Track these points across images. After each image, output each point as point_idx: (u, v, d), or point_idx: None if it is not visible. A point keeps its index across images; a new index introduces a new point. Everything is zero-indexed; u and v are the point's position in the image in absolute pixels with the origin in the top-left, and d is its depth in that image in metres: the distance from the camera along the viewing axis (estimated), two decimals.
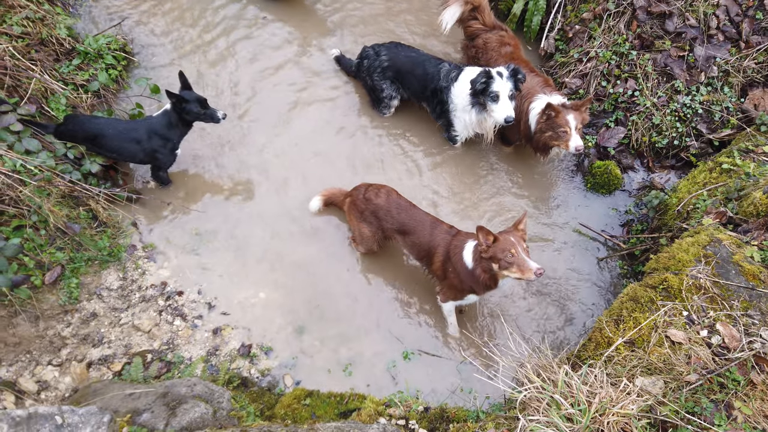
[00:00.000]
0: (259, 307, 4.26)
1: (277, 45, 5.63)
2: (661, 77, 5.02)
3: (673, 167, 5.09)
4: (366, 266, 4.53)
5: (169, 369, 3.83)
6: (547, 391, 2.70)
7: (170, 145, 4.32)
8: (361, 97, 5.45)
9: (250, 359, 4.02)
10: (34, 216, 3.79)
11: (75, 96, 4.60)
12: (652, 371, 2.87)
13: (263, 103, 5.25)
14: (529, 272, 3.27)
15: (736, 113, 4.82)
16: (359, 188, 4.32)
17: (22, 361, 3.65)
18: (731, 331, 2.91)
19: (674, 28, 4.97)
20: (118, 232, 4.34)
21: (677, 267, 3.36)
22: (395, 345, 4.18)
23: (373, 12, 6.03)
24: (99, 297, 4.05)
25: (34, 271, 3.76)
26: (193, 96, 4.15)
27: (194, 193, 4.71)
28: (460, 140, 5.14)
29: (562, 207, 5.01)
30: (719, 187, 4.12)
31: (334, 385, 3.94)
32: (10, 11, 4.56)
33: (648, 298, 3.24)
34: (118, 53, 5.00)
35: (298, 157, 5.00)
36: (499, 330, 4.26)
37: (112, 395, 3.27)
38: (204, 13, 5.69)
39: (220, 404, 3.33)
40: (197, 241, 4.47)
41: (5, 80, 4.18)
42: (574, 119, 4.37)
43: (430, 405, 3.43)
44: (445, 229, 3.96)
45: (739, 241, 3.47)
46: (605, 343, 3.17)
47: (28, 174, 3.74)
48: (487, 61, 5.10)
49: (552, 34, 5.68)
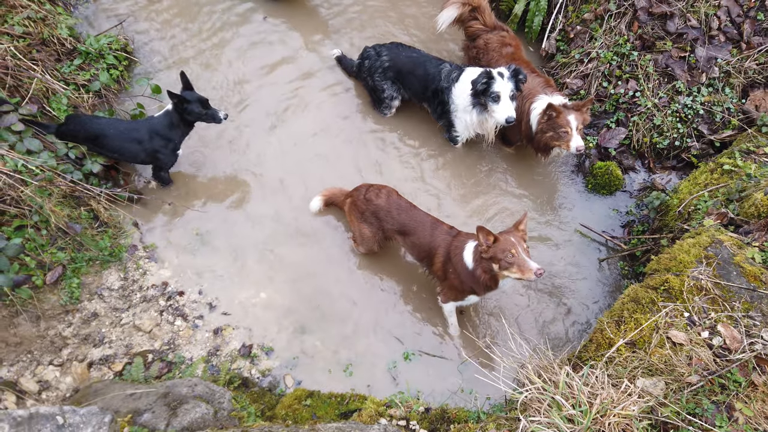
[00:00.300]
0: (260, 308, 4.26)
1: (277, 45, 5.63)
2: (662, 78, 5.02)
3: (674, 168, 5.09)
4: (366, 266, 4.52)
5: (170, 369, 3.83)
6: (548, 392, 2.70)
7: (172, 146, 4.33)
8: (361, 98, 5.45)
9: (250, 359, 4.02)
10: (36, 216, 3.79)
11: (76, 96, 4.61)
12: (653, 372, 2.87)
13: (262, 103, 5.25)
14: (530, 272, 3.27)
15: (737, 114, 4.82)
16: (360, 189, 4.32)
17: (23, 361, 3.65)
18: (732, 332, 2.91)
19: (675, 28, 4.97)
20: (119, 232, 4.35)
21: (678, 268, 3.36)
22: (396, 345, 4.18)
23: (375, 13, 6.03)
24: (100, 297, 4.05)
25: (35, 271, 3.77)
26: (195, 96, 4.16)
27: (195, 194, 4.71)
28: (461, 141, 5.14)
29: (563, 208, 5.01)
30: (720, 188, 4.12)
31: (335, 385, 3.94)
32: (11, 11, 4.56)
33: (649, 299, 3.24)
34: (119, 53, 5.01)
35: (299, 157, 5.00)
36: (499, 330, 4.26)
37: (113, 395, 3.27)
38: (204, 14, 5.69)
39: (221, 405, 3.33)
40: (198, 241, 4.47)
41: (7, 80, 4.18)
42: (575, 120, 4.37)
43: (431, 406, 3.43)
44: (445, 229, 3.96)
45: (740, 242, 3.46)
46: (606, 344, 3.16)
47: (30, 174, 3.74)
48: (488, 61, 5.11)
49: (553, 35, 5.68)
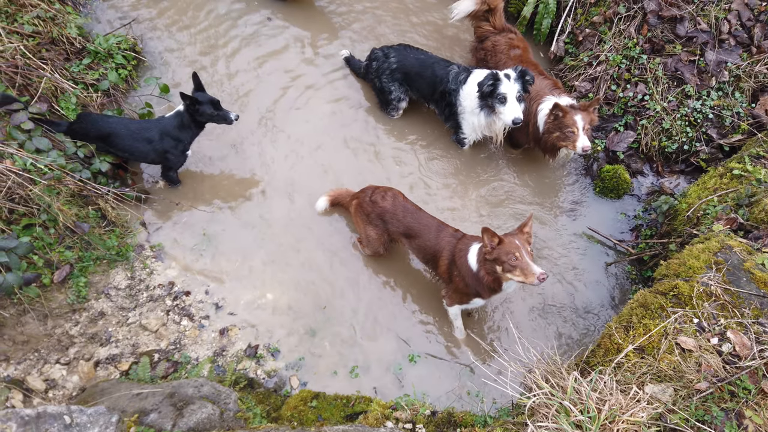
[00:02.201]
0: (266, 308, 4.25)
1: (284, 45, 5.66)
2: (671, 81, 4.99)
3: (682, 172, 5.06)
4: (372, 268, 4.52)
5: (176, 369, 3.83)
6: (556, 398, 2.68)
7: (181, 147, 4.34)
8: (369, 99, 5.44)
9: (256, 360, 4.01)
10: (44, 215, 3.80)
11: (85, 95, 4.62)
12: (662, 379, 2.85)
13: (268, 104, 5.25)
14: (532, 276, 3.25)
15: (747, 118, 4.78)
16: (366, 190, 4.31)
17: (30, 359, 3.66)
18: (742, 339, 2.88)
19: (685, 32, 4.94)
20: (126, 231, 4.35)
21: (688, 274, 3.34)
22: (402, 347, 4.17)
23: (383, 13, 6.03)
24: (107, 296, 4.05)
25: (43, 270, 3.78)
26: (207, 97, 4.18)
27: (203, 194, 4.71)
28: (469, 143, 5.12)
29: (570, 211, 4.99)
30: (730, 192, 4.09)
31: (341, 387, 3.94)
32: (21, 10, 4.58)
33: (658, 305, 3.21)
34: (128, 53, 5.02)
35: (305, 159, 5.00)
36: (506, 334, 4.25)
37: (120, 395, 3.27)
38: (209, 14, 5.71)
39: (227, 405, 3.33)
40: (205, 241, 4.47)
41: (16, 79, 4.19)
42: (582, 120, 4.37)
43: (437, 409, 3.42)
44: (450, 232, 3.95)
45: (750, 248, 3.44)
46: (614, 349, 3.14)
47: (38, 173, 3.75)
48: (495, 63, 5.10)
49: (562, 38, 5.66)
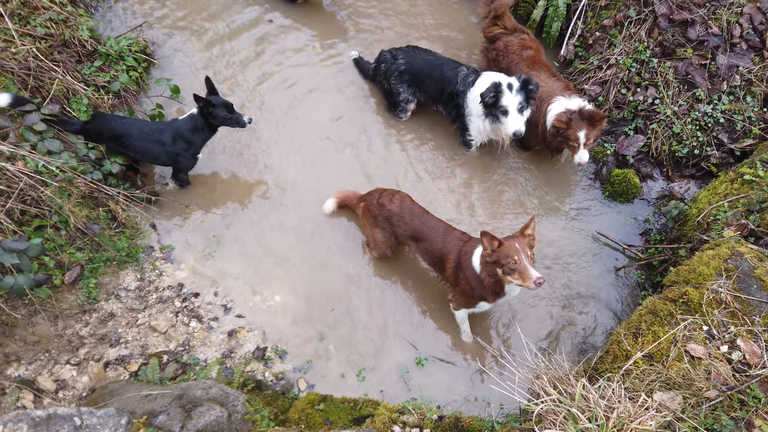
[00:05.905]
0: (275, 311, 4.27)
1: (298, 48, 5.68)
2: (682, 86, 4.96)
3: (693, 177, 5.02)
4: (380, 271, 4.52)
5: (184, 370, 3.86)
6: (564, 404, 2.68)
7: (193, 149, 4.37)
8: (377, 101, 5.45)
9: (264, 362, 4.03)
10: (55, 216, 3.84)
11: (96, 97, 4.66)
12: (671, 386, 2.83)
13: (277, 106, 5.27)
14: (529, 281, 3.25)
15: (758, 123, 4.74)
16: (373, 193, 4.32)
17: (41, 359, 3.70)
18: (752, 347, 2.86)
19: (696, 36, 4.91)
20: (136, 233, 4.38)
21: (697, 280, 3.32)
22: (409, 351, 4.17)
23: (393, 17, 6.03)
24: (117, 297, 4.09)
25: (54, 271, 3.81)
26: (220, 101, 4.20)
27: (213, 196, 4.74)
28: (475, 145, 5.11)
29: (579, 215, 4.97)
30: (741, 198, 4.05)
31: (348, 390, 3.95)
32: (33, 12, 4.62)
33: (667, 312, 3.20)
34: (139, 55, 5.06)
35: (313, 161, 5.01)
36: (514, 338, 4.23)
37: (129, 396, 3.30)
38: (220, 17, 5.74)
39: (235, 407, 3.35)
40: (214, 243, 4.49)
41: (29, 81, 4.24)
42: (584, 136, 4.39)
43: (444, 413, 3.42)
44: (457, 235, 3.95)
45: (761, 254, 3.41)
46: (623, 356, 3.13)
47: (50, 174, 3.79)
48: (507, 64, 5.07)
49: (572, 41, 5.63)
